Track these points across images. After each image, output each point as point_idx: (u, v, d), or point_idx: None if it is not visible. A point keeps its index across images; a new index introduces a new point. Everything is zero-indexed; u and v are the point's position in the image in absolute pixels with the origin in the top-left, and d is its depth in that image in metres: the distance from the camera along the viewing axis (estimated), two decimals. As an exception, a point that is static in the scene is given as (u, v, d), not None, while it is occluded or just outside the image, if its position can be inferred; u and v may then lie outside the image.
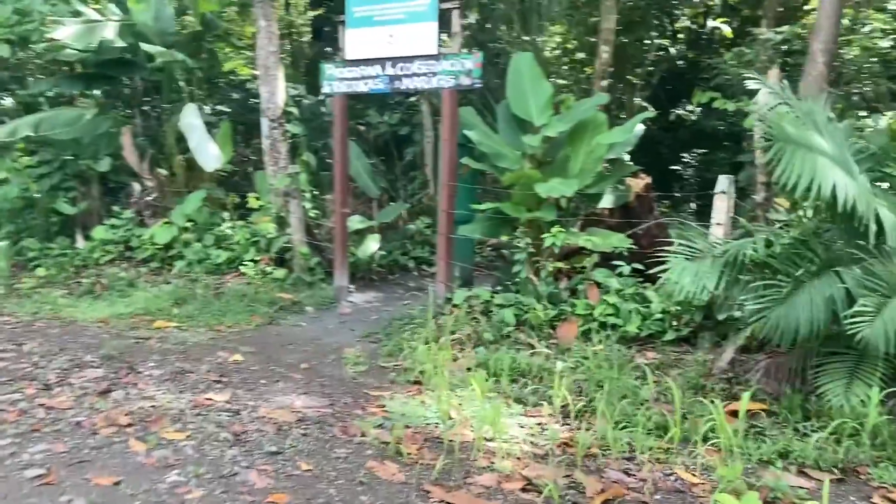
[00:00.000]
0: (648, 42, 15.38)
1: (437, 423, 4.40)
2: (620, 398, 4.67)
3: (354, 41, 7.62)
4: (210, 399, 4.65)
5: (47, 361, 5.39)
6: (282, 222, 8.89)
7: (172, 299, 7.77)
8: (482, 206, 7.04)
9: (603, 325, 6.05)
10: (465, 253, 8.03)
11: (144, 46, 9.13)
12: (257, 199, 8.88)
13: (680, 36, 16.70)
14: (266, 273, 8.47)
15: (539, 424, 4.47)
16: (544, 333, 6.17)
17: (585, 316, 6.14)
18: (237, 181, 13.13)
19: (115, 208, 10.02)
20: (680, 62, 16.36)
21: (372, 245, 8.86)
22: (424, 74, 7.21)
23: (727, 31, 15.44)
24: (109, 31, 9.29)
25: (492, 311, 6.59)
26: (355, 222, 8.87)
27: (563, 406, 4.62)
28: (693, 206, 14.28)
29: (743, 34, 16.49)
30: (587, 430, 4.31)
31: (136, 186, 10.04)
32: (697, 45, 16.89)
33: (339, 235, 7.97)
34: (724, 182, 6.01)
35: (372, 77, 7.56)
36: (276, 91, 8.80)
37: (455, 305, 6.93)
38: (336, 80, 7.80)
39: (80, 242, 9.76)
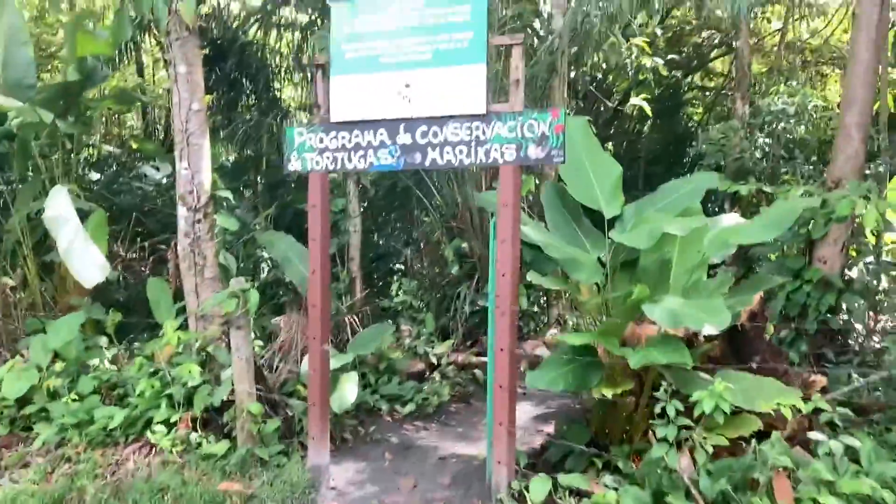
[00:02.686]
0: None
1: None
2: None
3: (344, 94, 5.06)
4: None
5: None
6: (207, 361, 5.99)
7: (41, 505, 4.65)
8: (567, 338, 4.56)
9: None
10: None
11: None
12: (171, 327, 5.90)
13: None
14: (191, 444, 5.47)
15: None
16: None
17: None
18: (107, 289, 9.85)
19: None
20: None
21: (350, 391, 6.08)
22: (465, 143, 4.74)
23: (647, 108, 14.11)
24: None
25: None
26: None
27: None
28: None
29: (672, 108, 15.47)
30: None
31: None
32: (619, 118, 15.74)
33: (318, 384, 5.18)
34: None
35: (373, 148, 5.01)
36: (200, 167, 6.00)
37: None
38: (312, 153, 5.17)
39: None
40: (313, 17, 12.12)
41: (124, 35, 6.04)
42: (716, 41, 15.57)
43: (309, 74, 12.42)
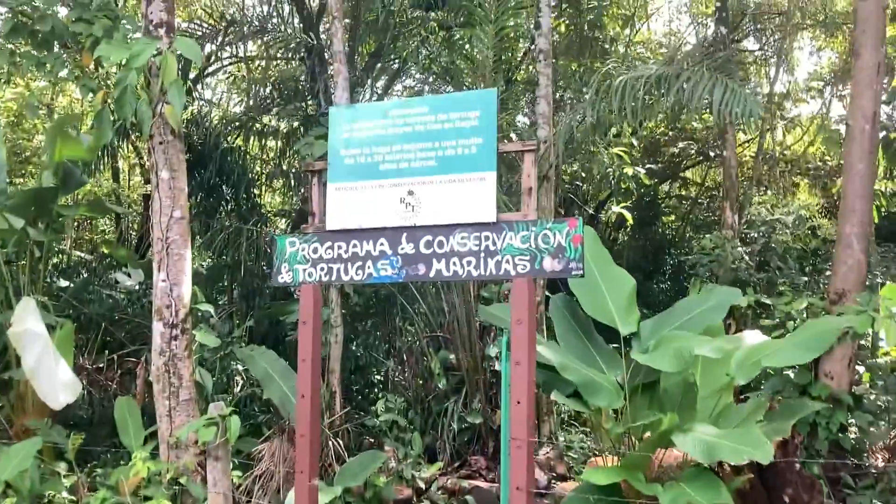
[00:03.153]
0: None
1: None
2: None
3: (342, 201, 4.72)
4: None
5: None
6: (178, 494, 5.37)
7: None
8: (591, 476, 4.08)
9: None
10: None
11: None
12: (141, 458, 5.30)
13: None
14: None
15: None
16: None
17: None
18: (70, 406, 9.12)
19: None
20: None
21: (339, 528, 5.48)
22: (474, 254, 4.39)
23: (628, 217, 14.05)
24: None
25: None
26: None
27: None
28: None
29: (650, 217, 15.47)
30: None
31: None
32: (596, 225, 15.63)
33: (306, 526, 4.59)
34: None
35: (372, 258, 4.64)
36: (180, 279, 5.56)
37: None
38: (305, 264, 4.78)
39: None
40: (294, 125, 12.02)
41: (105, 139, 5.72)
42: (692, 151, 15.78)
43: (291, 181, 12.19)
